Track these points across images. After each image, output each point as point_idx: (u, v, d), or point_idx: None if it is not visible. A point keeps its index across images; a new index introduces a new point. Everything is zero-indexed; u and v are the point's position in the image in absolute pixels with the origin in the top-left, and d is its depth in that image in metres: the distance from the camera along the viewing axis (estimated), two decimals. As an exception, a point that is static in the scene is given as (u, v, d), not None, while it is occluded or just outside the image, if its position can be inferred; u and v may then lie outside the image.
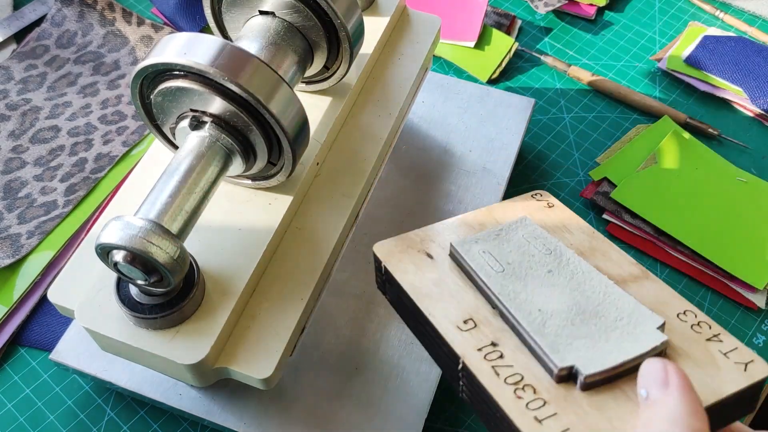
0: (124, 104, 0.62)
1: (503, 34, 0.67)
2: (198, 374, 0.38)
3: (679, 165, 0.59)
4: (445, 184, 0.55)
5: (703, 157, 0.59)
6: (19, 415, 0.48)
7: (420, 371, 0.47)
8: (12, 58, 0.65)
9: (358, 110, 0.47)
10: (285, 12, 0.41)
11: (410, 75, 0.49)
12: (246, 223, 0.41)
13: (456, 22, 0.67)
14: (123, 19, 0.66)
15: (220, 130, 0.37)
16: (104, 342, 0.39)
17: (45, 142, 0.59)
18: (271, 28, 0.41)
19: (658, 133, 0.61)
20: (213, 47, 0.35)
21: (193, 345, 0.37)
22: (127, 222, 0.33)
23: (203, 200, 0.37)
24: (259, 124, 0.37)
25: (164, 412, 0.48)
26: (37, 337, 0.51)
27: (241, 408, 0.45)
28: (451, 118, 0.58)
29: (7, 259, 0.52)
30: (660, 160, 0.59)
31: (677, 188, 0.57)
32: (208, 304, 0.38)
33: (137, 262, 0.33)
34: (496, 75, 0.65)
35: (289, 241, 0.42)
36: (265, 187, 0.42)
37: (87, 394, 0.49)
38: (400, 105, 0.48)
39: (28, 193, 0.56)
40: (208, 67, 0.35)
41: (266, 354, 0.38)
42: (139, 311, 0.37)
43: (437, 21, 0.51)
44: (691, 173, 0.58)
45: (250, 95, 0.35)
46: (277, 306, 0.40)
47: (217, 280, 0.39)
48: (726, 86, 0.64)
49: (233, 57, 0.35)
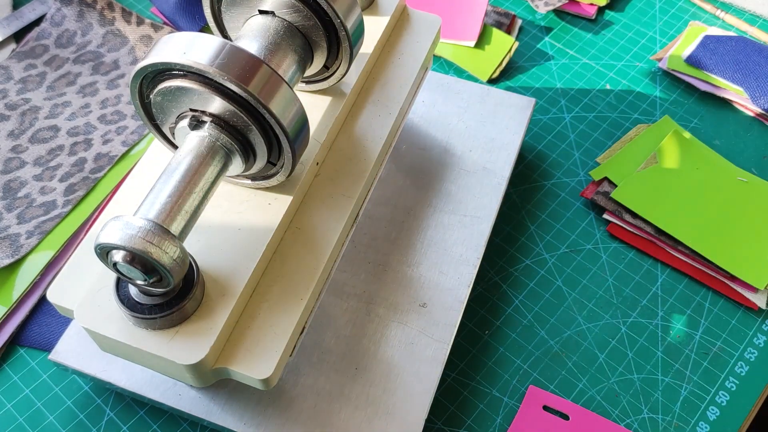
0: (124, 104, 0.62)
1: (504, 34, 0.67)
2: (197, 374, 0.38)
3: (679, 165, 0.58)
4: (445, 184, 0.55)
5: (703, 156, 0.59)
6: (19, 416, 0.48)
7: (420, 371, 0.47)
8: (11, 58, 0.65)
9: (357, 110, 0.47)
10: (285, 11, 0.41)
11: (410, 75, 0.49)
12: (246, 223, 0.41)
13: (456, 22, 0.67)
14: (122, 19, 0.66)
15: (220, 130, 0.37)
16: (103, 342, 0.39)
17: (44, 141, 0.59)
18: (271, 27, 0.41)
19: (659, 133, 0.61)
20: (213, 47, 0.35)
21: (192, 345, 0.37)
22: (126, 222, 0.33)
23: (203, 200, 0.37)
24: (258, 124, 0.37)
25: (164, 413, 0.48)
26: (36, 337, 0.51)
27: (240, 408, 0.45)
28: (451, 118, 0.58)
29: (6, 259, 0.52)
30: (660, 159, 0.59)
31: (678, 188, 0.57)
32: (208, 304, 0.38)
33: (136, 262, 0.33)
34: (496, 74, 0.65)
35: (289, 241, 0.42)
36: (264, 187, 0.42)
37: (86, 395, 0.49)
38: (400, 105, 0.47)
39: (28, 193, 0.56)
40: (208, 66, 0.35)
41: (266, 354, 0.38)
42: (139, 311, 0.37)
43: (437, 20, 0.51)
44: (692, 173, 0.58)
45: (250, 95, 0.35)
46: (277, 306, 0.40)
47: (216, 280, 0.39)
48: (727, 86, 0.64)
49: (233, 56, 0.35)
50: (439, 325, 0.48)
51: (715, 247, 0.54)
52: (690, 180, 0.58)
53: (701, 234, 0.55)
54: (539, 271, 0.55)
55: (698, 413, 0.49)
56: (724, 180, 0.58)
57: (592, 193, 0.58)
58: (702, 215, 0.56)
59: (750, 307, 0.53)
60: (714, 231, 0.55)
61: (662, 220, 0.55)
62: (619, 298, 0.54)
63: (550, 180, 0.60)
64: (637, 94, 0.65)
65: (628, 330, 0.52)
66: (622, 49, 0.68)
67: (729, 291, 0.54)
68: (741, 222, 0.55)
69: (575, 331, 0.52)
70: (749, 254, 0.54)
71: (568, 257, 0.56)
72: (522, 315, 0.53)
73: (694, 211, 0.56)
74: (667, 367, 0.51)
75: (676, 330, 0.52)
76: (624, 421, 0.49)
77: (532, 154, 0.61)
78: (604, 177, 0.58)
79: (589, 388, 0.50)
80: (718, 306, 0.53)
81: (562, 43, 0.69)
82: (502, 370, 0.51)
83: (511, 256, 0.56)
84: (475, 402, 0.49)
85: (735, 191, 0.57)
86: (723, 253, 0.54)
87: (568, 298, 0.54)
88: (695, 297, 0.54)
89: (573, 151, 0.62)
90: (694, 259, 0.54)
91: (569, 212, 0.58)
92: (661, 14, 0.71)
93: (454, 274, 0.50)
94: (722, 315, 0.53)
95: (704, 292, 0.54)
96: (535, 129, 0.63)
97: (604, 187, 0.58)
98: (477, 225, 0.53)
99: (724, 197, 0.57)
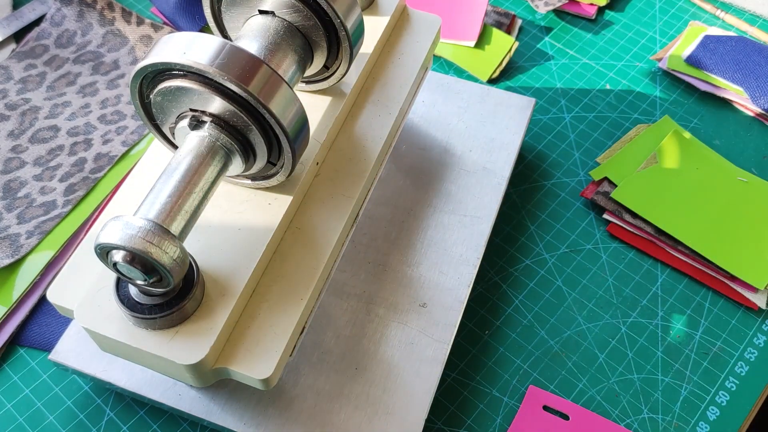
0: (124, 104, 0.62)
1: (504, 34, 0.67)
2: (197, 374, 0.38)
3: (679, 165, 0.58)
4: (445, 184, 0.55)
5: (703, 156, 0.59)
6: (19, 416, 0.48)
7: (420, 371, 0.47)
8: (11, 58, 0.65)
9: (357, 110, 0.47)
10: (285, 11, 0.41)
11: (410, 75, 0.49)
12: (246, 223, 0.41)
13: (456, 22, 0.67)
14: (122, 19, 0.66)
15: (220, 130, 0.37)
16: (103, 342, 0.39)
17: (44, 141, 0.59)
18: (271, 27, 0.41)
19: (659, 133, 0.61)
20: (213, 47, 0.35)
21: (192, 345, 0.37)
22: (126, 222, 0.33)
23: (203, 200, 0.37)
24: (258, 124, 0.37)
25: (164, 413, 0.48)
26: (36, 337, 0.51)
27: (240, 408, 0.45)
28: (451, 117, 0.58)
29: (6, 259, 0.52)
30: (660, 159, 0.59)
31: (678, 188, 0.57)
32: (208, 304, 0.38)
33: (136, 262, 0.33)
34: (496, 74, 0.65)
35: (289, 241, 0.42)
36: (264, 187, 0.42)
37: (86, 395, 0.49)
38: (400, 105, 0.47)
39: (28, 193, 0.56)
40: (208, 66, 0.35)
41: (266, 354, 0.38)
42: (139, 311, 0.37)
43: (437, 20, 0.51)
44: (692, 173, 0.58)
45: (250, 95, 0.35)
46: (277, 306, 0.40)
47: (216, 280, 0.39)
48: (727, 86, 0.64)
49: (233, 56, 0.35)
50: (439, 325, 0.48)
51: (715, 247, 0.54)
52: (690, 180, 0.58)
53: (701, 234, 0.55)
54: (539, 271, 0.55)
55: (698, 413, 0.49)
56: (724, 180, 0.58)
57: (592, 193, 0.58)
58: (702, 215, 0.56)
59: (750, 307, 0.53)
60: (714, 231, 0.55)
61: (662, 219, 0.55)
62: (619, 298, 0.54)
63: (550, 180, 0.60)
64: (637, 94, 0.65)
65: (628, 330, 0.52)
66: (622, 49, 0.68)
67: (729, 291, 0.54)
68: (741, 222, 0.55)
69: (575, 331, 0.52)
70: (749, 254, 0.54)
71: (568, 257, 0.56)
72: (522, 315, 0.53)
73: (694, 211, 0.56)
74: (667, 367, 0.51)
75: (676, 330, 0.52)
76: (624, 421, 0.49)
77: (532, 154, 0.61)
78: (604, 177, 0.58)
79: (589, 388, 0.50)
80: (718, 306, 0.53)
81: (562, 43, 0.69)
82: (502, 370, 0.51)
83: (511, 256, 0.56)
84: (475, 402, 0.49)
85: (735, 191, 0.57)
86: (723, 253, 0.54)
87: (568, 298, 0.54)
88: (695, 297, 0.54)
89: (573, 151, 0.62)
90: (694, 259, 0.54)
91: (569, 212, 0.58)
92: (661, 14, 0.71)
93: (454, 274, 0.50)
94: (722, 315, 0.53)
95: (704, 292, 0.54)
96: (535, 129, 0.63)
97: (604, 187, 0.58)
98: (477, 225, 0.53)
99: (724, 197, 0.57)
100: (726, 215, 0.56)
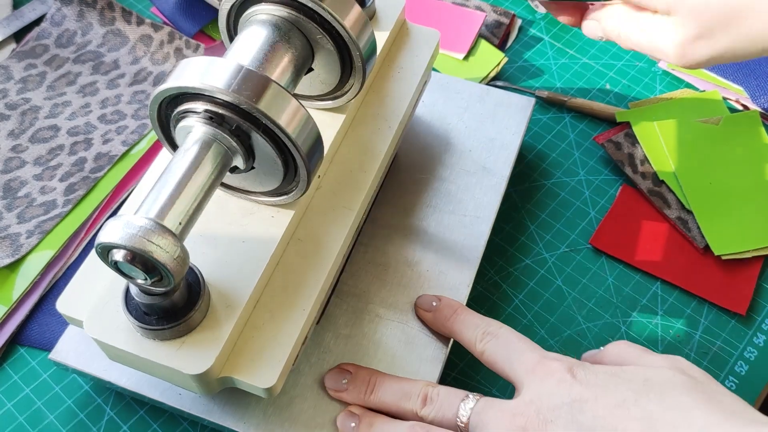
0: (124, 103, 0.62)
1: (494, 48, 0.67)
2: (203, 384, 0.38)
3: (725, 133, 0.59)
4: (445, 184, 0.55)
5: (755, 135, 0.59)
6: (19, 415, 0.48)
7: (420, 371, 0.47)
8: (11, 58, 0.65)
9: (358, 123, 0.48)
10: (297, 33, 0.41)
11: (410, 88, 0.49)
12: (249, 236, 0.42)
13: (449, 33, 0.67)
14: (122, 19, 0.66)
15: (220, 129, 0.37)
16: (112, 352, 0.40)
17: (44, 141, 0.59)
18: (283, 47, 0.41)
19: (702, 102, 0.61)
20: (229, 71, 0.36)
21: (198, 355, 0.38)
22: (126, 221, 0.33)
23: (204, 199, 0.37)
24: (275, 144, 0.38)
25: (164, 412, 0.48)
26: (36, 336, 0.51)
27: (241, 408, 0.45)
28: (451, 117, 0.58)
29: (6, 259, 0.52)
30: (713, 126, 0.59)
31: (706, 150, 0.58)
32: (213, 316, 0.39)
33: (137, 261, 0.33)
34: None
35: (292, 253, 0.43)
36: (272, 203, 0.42)
37: (87, 394, 0.49)
38: (400, 118, 0.48)
39: (28, 193, 0.56)
40: (227, 92, 0.35)
41: (269, 364, 0.39)
42: (147, 322, 0.38)
43: (436, 35, 0.52)
44: (733, 147, 0.59)
45: (276, 126, 0.36)
46: (280, 317, 0.41)
47: (221, 291, 0.40)
48: (727, 85, 0.64)
49: (255, 83, 0.36)
50: (439, 325, 0.48)
51: (703, 205, 0.55)
52: (725, 150, 0.58)
53: (698, 191, 0.56)
54: (539, 271, 0.55)
55: (698, 413, 0.49)
56: (757, 164, 0.58)
57: (605, 139, 0.58)
58: (711, 180, 0.56)
59: (741, 315, 0.53)
60: (713, 195, 0.56)
61: (666, 169, 0.56)
62: (619, 297, 0.54)
63: (550, 179, 0.60)
64: (637, 93, 0.65)
65: (628, 329, 0.52)
66: (622, 49, 0.68)
67: (720, 301, 0.53)
68: (744, 200, 0.56)
69: (575, 330, 0.52)
70: (729, 224, 0.55)
71: (568, 257, 0.56)
72: (522, 314, 0.53)
73: (707, 175, 0.57)
74: (666, 367, 0.51)
75: (676, 329, 0.52)
76: (624, 421, 0.48)
77: (532, 153, 0.61)
78: (626, 125, 0.59)
79: (589, 387, 0.50)
80: (718, 306, 0.53)
81: (562, 43, 0.69)
82: (502, 370, 0.51)
83: (511, 255, 0.56)
84: (475, 401, 0.49)
85: (759, 177, 0.58)
86: (709, 214, 0.55)
87: (567, 298, 0.54)
88: (695, 296, 0.54)
89: (573, 151, 0.62)
90: (687, 268, 0.54)
91: (569, 212, 0.58)
92: (661, 14, 0.71)
93: (454, 273, 0.50)
94: (722, 314, 0.53)
95: (695, 304, 0.54)
96: (535, 129, 0.63)
97: (620, 138, 0.58)
98: (477, 225, 0.53)
99: (742, 176, 0.57)
100: (734, 190, 0.56)
